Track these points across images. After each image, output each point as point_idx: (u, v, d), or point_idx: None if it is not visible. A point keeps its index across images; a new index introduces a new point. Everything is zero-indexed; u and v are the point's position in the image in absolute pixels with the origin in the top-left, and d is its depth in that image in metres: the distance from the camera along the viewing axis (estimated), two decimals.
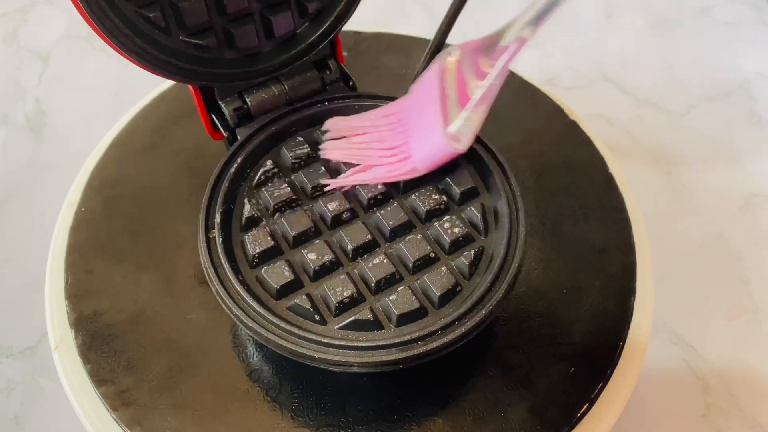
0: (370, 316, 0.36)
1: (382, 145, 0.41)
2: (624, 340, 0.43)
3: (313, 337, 0.35)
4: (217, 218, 0.38)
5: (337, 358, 0.34)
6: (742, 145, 0.72)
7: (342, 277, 0.37)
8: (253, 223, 0.40)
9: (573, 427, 0.39)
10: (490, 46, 0.37)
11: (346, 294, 0.36)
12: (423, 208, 0.40)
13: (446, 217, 0.40)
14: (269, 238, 0.38)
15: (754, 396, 0.55)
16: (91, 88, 0.77)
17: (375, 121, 0.42)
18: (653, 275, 0.46)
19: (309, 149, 0.43)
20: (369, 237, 0.39)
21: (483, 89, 0.37)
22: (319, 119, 0.44)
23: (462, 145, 0.38)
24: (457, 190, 0.41)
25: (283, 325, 0.35)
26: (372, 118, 0.42)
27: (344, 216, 0.40)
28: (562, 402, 0.40)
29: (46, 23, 0.83)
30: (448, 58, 0.39)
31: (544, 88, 0.57)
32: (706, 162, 0.71)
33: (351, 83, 0.46)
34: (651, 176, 0.69)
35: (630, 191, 0.50)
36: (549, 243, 0.47)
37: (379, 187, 0.41)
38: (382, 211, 0.40)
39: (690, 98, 0.76)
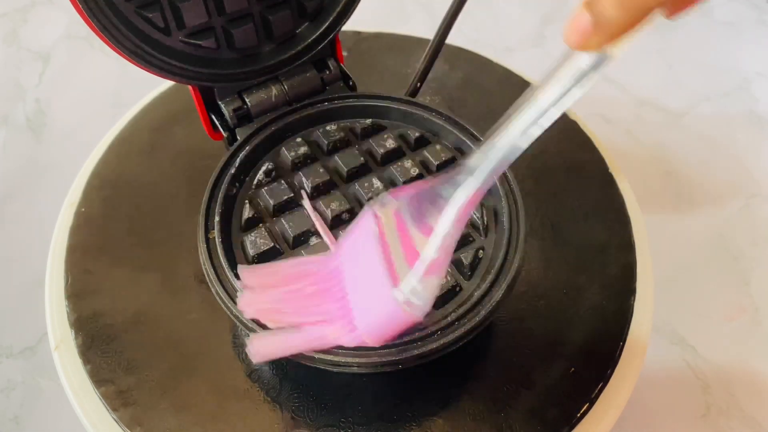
0: None
1: (317, 303, 0.34)
2: (624, 340, 0.43)
3: None
4: (217, 219, 0.38)
5: (337, 359, 0.34)
6: (742, 145, 0.72)
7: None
8: (252, 223, 0.39)
9: (573, 427, 0.39)
10: (432, 195, 0.31)
11: None
12: None
13: None
14: (269, 238, 0.38)
15: (754, 396, 0.55)
16: (91, 88, 0.77)
17: (305, 274, 0.35)
18: (653, 275, 0.46)
19: (308, 149, 0.43)
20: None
21: (434, 248, 0.30)
22: (319, 119, 0.44)
23: (420, 313, 0.31)
24: None
25: None
26: (300, 269, 0.35)
27: (344, 216, 0.40)
28: (563, 402, 0.40)
29: (46, 23, 0.83)
30: (384, 207, 0.33)
31: None
32: (706, 162, 0.71)
33: (351, 83, 0.46)
34: (651, 176, 0.69)
35: (630, 191, 0.50)
36: (549, 243, 0.47)
37: (379, 187, 0.41)
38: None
39: (690, 98, 0.76)
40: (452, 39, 0.46)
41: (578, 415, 0.40)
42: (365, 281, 0.32)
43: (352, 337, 0.32)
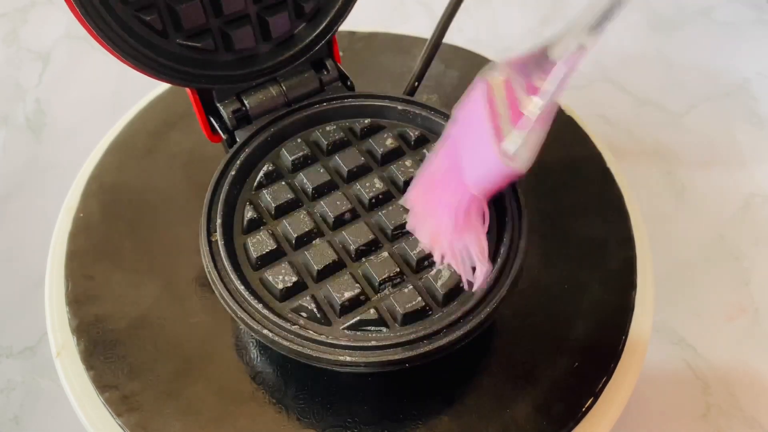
0: (375, 316, 0.36)
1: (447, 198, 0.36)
2: (626, 334, 0.43)
3: (319, 338, 0.35)
4: (219, 221, 0.38)
5: (343, 359, 0.34)
6: (742, 145, 0.72)
7: (346, 277, 0.37)
8: (254, 225, 0.40)
9: (578, 422, 0.40)
10: (540, 59, 0.33)
11: (350, 294, 0.37)
12: None
13: None
14: (271, 240, 0.38)
15: (754, 396, 0.55)
16: (91, 88, 0.77)
17: (438, 166, 0.37)
18: (653, 271, 0.46)
19: (308, 150, 0.43)
20: (371, 237, 0.39)
21: (539, 106, 0.33)
22: (318, 120, 0.44)
23: (520, 166, 0.33)
24: None
25: (288, 326, 0.35)
26: (434, 164, 0.38)
27: (346, 216, 0.40)
28: (567, 397, 0.40)
29: (46, 23, 0.83)
30: (495, 75, 0.35)
31: None
32: (706, 162, 0.70)
33: (349, 83, 0.46)
34: (651, 176, 0.69)
35: (627, 186, 0.50)
36: (549, 239, 0.47)
37: (380, 186, 0.41)
38: (383, 211, 0.40)
39: (690, 98, 0.76)
40: (452, 39, 0.46)
41: (583, 409, 0.40)
42: (473, 140, 0.35)
43: (464, 192, 0.35)
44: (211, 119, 0.43)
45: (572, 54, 0.32)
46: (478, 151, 0.34)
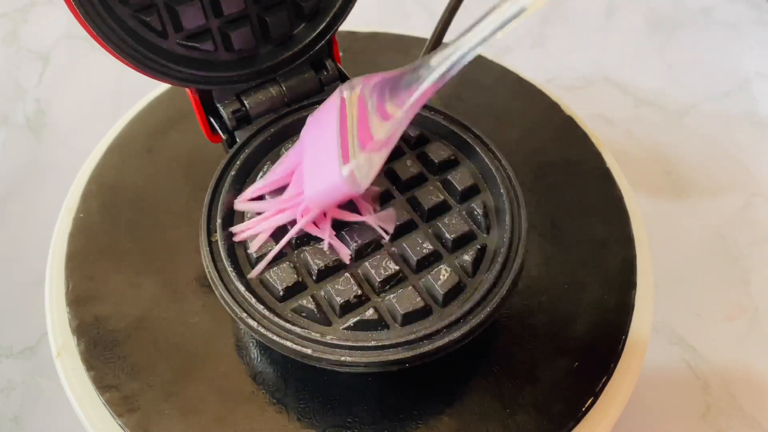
0: (375, 316, 0.36)
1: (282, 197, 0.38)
2: (626, 333, 0.43)
3: (319, 338, 0.35)
4: (219, 221, 0.38)
5: (343, 359, 0.34)
6: (742, 145, 0.72)
7: (346, 277, 0.37)
8: None
9: (579, 422, 0.40)
10: (396, 83, 0.34)
11: (350, 294, 0.36)
12: (425, 207, 0.40)
13: (448, 215, 0.40)
14: (271, 240, 0.38)
15: (754, 396, 0.55)
16: (91, 87, 0.77)
17: (274, 176, 0.39)
18: (653, 271, 0.46)
19: None
20: (372, 237, 0.39)
21: (387, 132, 0.34)
22: None
23: (358, 187, 0.34)
24: (458, 188, 0.41)
25: (288, 327, 0.35)
26: (271, 175, 0.40)
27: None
28: (568, 397, 0.40)
29: (46, 23, 0.83)
30: (349, 91, 0.36)
31: (540, 85, 0.57)
32: (706, 162, 0.71)
33: None
34: (651, 176, 0.69)
35: (627, 185, 0.50)
36: (549, 238, 0.47)
37: (381, 186, 0.41)
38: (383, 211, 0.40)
39: (690, 98, 0.76)
40: (450, 38, 0.46)
41: (583, 409, 0.40)
42: (319, 154, 0.36)
43: (299, 204, 0.37)
44: (211, 119, 0.43)
45: (423, 85, 0.33)
46: (322, 166, 0.35)
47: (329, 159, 0.34)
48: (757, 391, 0.56)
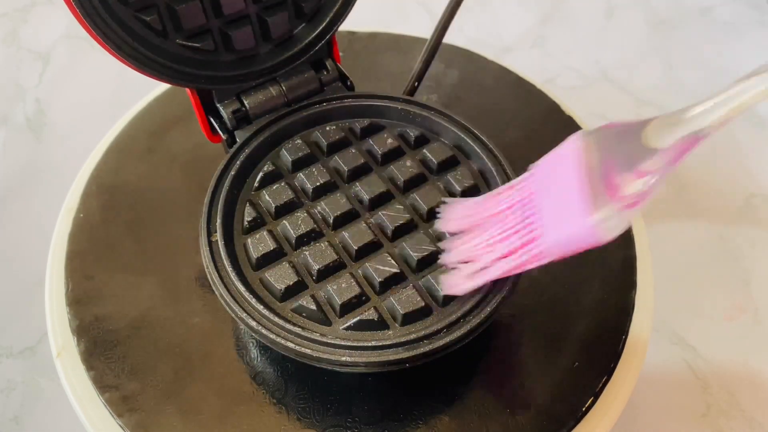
0: (375, 316, 0.36)
1: (506, 230, 0.35)
2: (626, 333, 0.43)
3: (319, 338, 0.35)
4: (219, 221, 0.38)
5: (343, 359, 0.34)
6: (742, 145, 0.72)
7: (346, 277, 0.37)
8: (254, 225, 0.40)
9: (579, 422, 0.40)
10: (637, 136, 0.32)
11: (350, 294, 0.37)
12: (425, 207, 0.40)
13: None
14: (271, 240, 0.38)
15: (754, 396, 0.55)
16: (91, 87, 0.77)
17: (497, 205, 0.37)
18: (653, 271, 0.46)
19: (308, 150, 0.43)
20: (372, 237, 0.39)
21: (645, 193, 0.32)
22: (318, 120, 0.44)
23: (607, 239, 0.32)
24: (458, 188, 0.41)
25: (288, 327, 0.35)
26: (492, 202, 0.37)
27: (346, 216, 0.40)
28: (568, 396, 0.40)
29: (46, 23, 0.83)
30: (588, 138, 0.34)
31: (540, 85, 0.57)
32: (706, 162, 0.70)
33: (348, 83, 0.46)
34: None
35: None
36: None
37: (380, 186, 0.41)
38: (384, 212, 0.40)
39: (690, 98, 0.76)
40: (452, 39, 0.46)
41: (583, 409, 0.40)
42: (559, 201, 0.33)
43: (535, 246, 0.34)
44: (211, 119, 0.43)
45: (685, 143, 0.31)
46: (562, 211, 0.33)
47: (572, 209, 0.32)
48: (757, 391, 0.56)
